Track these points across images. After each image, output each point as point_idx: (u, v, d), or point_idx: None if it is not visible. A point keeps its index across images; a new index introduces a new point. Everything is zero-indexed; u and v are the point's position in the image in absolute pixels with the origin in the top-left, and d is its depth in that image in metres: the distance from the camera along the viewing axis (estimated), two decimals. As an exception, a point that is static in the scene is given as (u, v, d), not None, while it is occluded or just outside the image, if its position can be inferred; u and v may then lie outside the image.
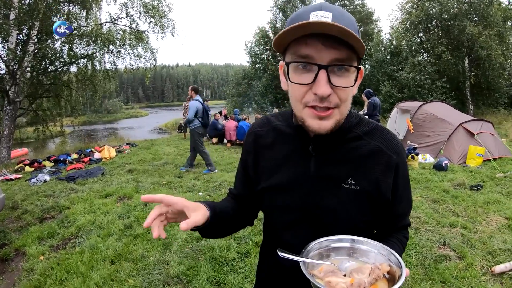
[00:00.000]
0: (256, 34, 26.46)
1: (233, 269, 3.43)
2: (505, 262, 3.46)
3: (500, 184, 6.26)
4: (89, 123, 38.80)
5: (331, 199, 0.94)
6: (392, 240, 1.02)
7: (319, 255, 0.85)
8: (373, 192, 0.93)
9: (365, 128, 0.98)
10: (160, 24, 14.03)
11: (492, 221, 4.60)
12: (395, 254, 0.80)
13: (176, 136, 15.82)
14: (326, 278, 0.75)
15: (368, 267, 0.78)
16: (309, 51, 0.79)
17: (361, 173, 0.93)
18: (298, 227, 0.99)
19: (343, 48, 0.77)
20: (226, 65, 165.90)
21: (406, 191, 1.03)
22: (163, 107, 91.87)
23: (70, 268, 3.42)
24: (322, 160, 0.95)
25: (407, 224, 1.08)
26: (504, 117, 16.85)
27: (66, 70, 13.67)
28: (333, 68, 0.79)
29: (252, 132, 1.12)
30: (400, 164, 0.97)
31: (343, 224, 0.94)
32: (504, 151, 8.59)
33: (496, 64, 17.36)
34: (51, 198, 5.78)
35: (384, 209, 0.98)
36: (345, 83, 0.81)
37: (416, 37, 20.78)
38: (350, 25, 0.78)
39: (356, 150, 0.95)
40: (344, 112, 0.87)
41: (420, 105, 9.90)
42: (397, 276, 0.74)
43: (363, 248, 0.86)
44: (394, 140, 0.98)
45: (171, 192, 6.01)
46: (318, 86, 0.79)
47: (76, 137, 20.76)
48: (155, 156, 9.65)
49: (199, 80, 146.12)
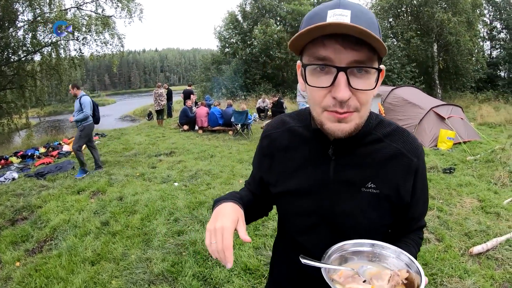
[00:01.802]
0: (225, 18, 26.02)
1: (218, 263, 3.38)
2: (481, 243, 3.61)
3: (471, 166, 6.51)
4: (54, 113, 37.24)
5: (351, 203, 0.92)
6: (408, 242, 1.00)
7: (340, 259, 0.86)
8: (393, 196, 0.92)
9: (385, 130, 0.95)
10: (127, 8, 13.60)
11: (466, 203, 4.78)
12: (414, 261, 0.79)
13: (145, 124, 15.48)
14: (347, 285, 0.76)
15: (388, 273, 0.79)
16: (327, 53, 0.75)
17: (381, 177, 0.91)
18: (314, 231, 0.98)
19: (363, 49, 0.74)
20: (194, 49, 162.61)
21: (424, 194, 1.01)
22: (130, 94, 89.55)
23: (49, 274, 3.24)
24: (342, 164, 0.93)
25: (422, 225, 1.07)
26: (471, 101, 17.54)
27: (30, 60, 13.08)
28: (352, 70, 0.75)
29: (267, 135, 1.08)
30: (420, 167, 0.95)
31: (363, 228, 0.93)
32: (473, 134, 8.94)
33: (465, 50, 17.91)
34: (21, 197, 5.49)
35: (403, 212, 0.98)
36: (366, 86, 0.78)
37: (386, 22, 21.06)
38: (371, 24, 0.75)
39: (376, 153, 0.92)
40: (364, 116, 0.83)
41: (391, 89, 10.07)
42: (416, 283, 0.74)
43: (383, 253, 0.85)
44: (414, 142, 0.96)
45: (146, 184, 5.87)
46: (337, 90, 0.75)
47: (42, 129, 19.85)
48: (126, 146, 9.37)
49: (166, 65, 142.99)
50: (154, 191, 5.40)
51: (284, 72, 24.40)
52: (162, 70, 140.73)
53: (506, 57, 20.59)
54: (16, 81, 12.98)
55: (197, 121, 11.77)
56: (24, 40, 12.42)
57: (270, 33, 22.82)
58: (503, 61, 21.16)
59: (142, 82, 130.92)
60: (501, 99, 17.51)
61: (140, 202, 4.96)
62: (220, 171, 6.53)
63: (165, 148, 8.80)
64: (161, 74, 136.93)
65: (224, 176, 6.22)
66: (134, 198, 5.09)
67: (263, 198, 1.14)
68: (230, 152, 8.47)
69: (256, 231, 3.93)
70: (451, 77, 20.12)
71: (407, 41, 19.08)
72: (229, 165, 7.02)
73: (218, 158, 7.73)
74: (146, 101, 40.56)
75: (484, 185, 5.45)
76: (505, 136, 9.58)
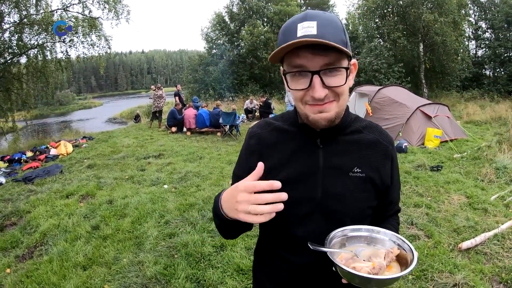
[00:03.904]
0: (212, 19, 25.92)
1: (210, 264, 3.39)
2: (470, 238, 3.69)
3: (458, 164, 6.62)
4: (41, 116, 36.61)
5: (341, 187, 1.01)
6: (388, 226, 1.08)
7: (340, 244, 0.97)
8: (376, 178, 1.04)
9: (362, 123, 1.10)
10: (114, 10, 13.42)
11: (453, 200, 4.87)
12: (405, 241, 0.92)
13: (133, 126, 15.33)
14: (351, 265, 0.85)
15: (382, 252, 0.91)
16: (301, 61, 0.88)
17: (365, 162, 1.04)
18: (309, 219, 1.03)
19: (331, 53, 0.86)
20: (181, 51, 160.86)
21: (398, 180, 1.17)
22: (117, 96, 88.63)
23: (41, 280, 3.20)
24: (330, 152, 1.03)
25: (398, 209, 1.23)
26: (456, 100, 17.80)
27: (16, 62, 12.80)
28: (325, 72, 0.88)
29: (255, 135, 1.13)
30: (394, 154, 1.11)
31: (352, 211, 1.02)
32: (460, 132, 9.10)
33: (451, 50, 18.16)
34: (10, 202, 5.40)
35: (384, 195, 1.10)
36: (338, 82, 0.90)
37: (372, 23, 21.21)
38: (336, 31, 0.87)
39: (358, 142, 1.05)
40: (342, 105, 0.96)
41: (378, 89, 10.20)
42: (409, 259, 0.87)
43: (378, 236, 0.98)
44: (387, 133, 1.12)
45: (135, 187, 5.83)
46: (314, 91, 0.89)
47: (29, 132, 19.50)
48: (114, 149, 9.29)
49: (153, 66, 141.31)
50: (144, 194, 5.37)
51: (271, 73, 24.44)
52: (149, 72, 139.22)
53: (491, 56, 20.93)
54: (2, 84, 12.65)
55: (185, 123, 11.70)
56: (10, 42, 12.17)
57: (257, 34, 22.86)
58: (488, 60, 21.49)
59: (129, 84, 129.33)
60: (487, 98, 17.79)
61: (130, 205, 4.93)
62: (209, 173, 6.53)
63: (154, 151, 8.75)
64: (148, 75, 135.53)
65: (214, 177, 6.22)
66: (124, 201, 5.05)
67: None
68: (219, 153, 8.46)
69: (247, 232, 3.93)
70: (437, 76, 20.35)
71: (393, 41, 19.23)
72: (218, 167, 7.02)
73: (207, 160, 7.72)
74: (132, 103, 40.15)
75: (471, 182, 5.56)
76: (491, 134, 9.76)
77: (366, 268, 0.83)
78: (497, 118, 12.84)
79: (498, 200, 4.78)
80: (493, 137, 8.41)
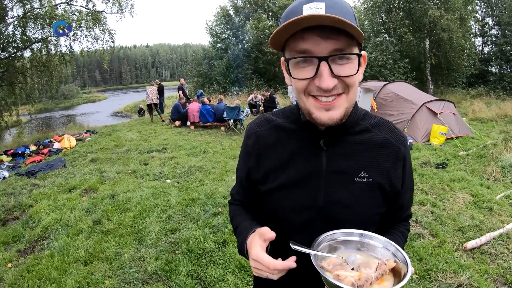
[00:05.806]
0: (217, 13, 25.87)
1: (212, 261, 3.37)
2: (475, 238, 3.63)
3: (463, 162, 6.55)
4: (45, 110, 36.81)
5: (345, 194, 0.92)
6: (395, 232, 1.03)
7: (328, 247, 0.87)
8: (385, 184, 0.94)
9: (371, 121, 0.98)
10: (118, 3, 13.39)
11: (459, 198, 4.80)
12: (401, 251, 0.81)
13: (137, 120, 15.33)
14: (335, 272, 0.77)
15: (375, 262, 0.81)
16: (307, 45, 0.77)
17: (372, 165, 0.93)
18: (311, 226, 0.95)
19: (341, 37, 0.75)
20: (185, 44, 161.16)
21: (410, 182, 1.04)
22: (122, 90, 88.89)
23: (41, 275, 3.19)
24: (334, 154, 0.93)
25: (409, 215, 1.10)
26: (462, 97, 17.64)
27: (20, 56, 12.81)
28: (334, 58, 0.77)
29: (252, 134, 1.05)
30: (407, 155, 0.98)
31: (357, 219, 0.93)
32: (465, 129, 9.01)
33: (457, 46, 17.99)
34: (12, 196, 5.40)
35: (393, 200, 0.99)
36: (348, 72, 0.79)
37: (378, 18, 21.04)
38: (346, 12, 0.76)
39: (366, 142, 0.94)
40: (352, 99, 0.85)
41: (384, 84, 10.13)
42: (403, 273, 0.76)
43: (371, 242, 0.87)
44: (400, 132, 0.99)
45: (138, 181, 5.81)
46: (321, 80, 0.77)
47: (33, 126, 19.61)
48: (117, 143, 9.26)
49: (157, 60, 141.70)
50: (146, 188, 5.35)
51: (276, 67, 24.36)
52: (153, 66, 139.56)
53: (498, 53, 20.70)
54: (6, 78, 12.71)
55: (189, 116, 11.65)
56: (14, 36, 12.16)
57: (262, 28, 22.74)
58: (495, 57, 21.26)
59: (134, 78, 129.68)
60: (493, 95, 17.62)
61: (132, 199, 4.91)
62: (212, 167, 6.49)
63: (157, 145, 8.72)
64: (152, 69, 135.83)
65: (217, 172, 6.19)
66: (126, 196, 5.04)
67: (254, 206, 1.12)
68: (223, 148, 8.43)
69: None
70: (443, 72, 20.20)
71: (399, 37, 19.07)
72: (221, 161, 6.99)
73: (211, 154, 7.69)
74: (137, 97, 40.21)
75: (477, 180, 5.49)
76: (496, 132, 9.65)
77: (351, 278, 0.74)
78: (503, 115, 12.68)
79: (503, 199, 4.71)
80: (499, 135, 8.31)
